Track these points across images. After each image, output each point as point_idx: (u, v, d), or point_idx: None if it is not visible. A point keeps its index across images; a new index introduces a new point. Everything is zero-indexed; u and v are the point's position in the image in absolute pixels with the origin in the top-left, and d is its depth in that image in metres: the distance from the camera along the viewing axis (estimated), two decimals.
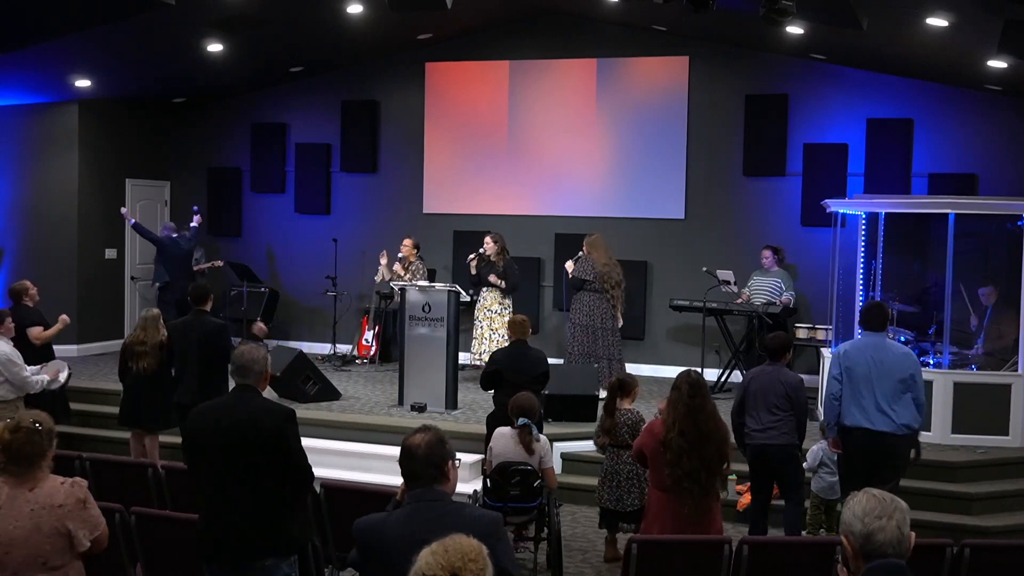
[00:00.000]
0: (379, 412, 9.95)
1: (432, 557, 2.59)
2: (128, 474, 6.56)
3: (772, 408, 6.91)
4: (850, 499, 2.90)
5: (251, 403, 4.62)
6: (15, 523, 3.99)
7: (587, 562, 7.32)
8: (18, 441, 4.08)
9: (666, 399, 5.98)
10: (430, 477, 3.43)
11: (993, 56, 8.93)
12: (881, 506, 2.81)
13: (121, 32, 9.87)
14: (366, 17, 10.44)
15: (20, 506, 4.02)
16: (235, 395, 4.69)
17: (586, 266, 10.60)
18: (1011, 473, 8.57)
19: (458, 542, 2.64)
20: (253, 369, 4.65)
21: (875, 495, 2.85)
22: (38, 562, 4.02)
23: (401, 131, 13.41)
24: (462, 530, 3.13)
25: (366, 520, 3.46)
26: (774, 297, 11.08)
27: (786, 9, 7.12)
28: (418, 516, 3.33)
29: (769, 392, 6.93)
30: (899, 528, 2.79)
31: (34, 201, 12.86)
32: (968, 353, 9.60)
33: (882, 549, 2.78)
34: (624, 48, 12.46)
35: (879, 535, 2.77)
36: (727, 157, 12.21)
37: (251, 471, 4.48)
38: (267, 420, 4.54)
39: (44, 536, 4.03)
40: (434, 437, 3.48)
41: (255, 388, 4.68)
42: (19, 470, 4.08)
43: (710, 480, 5.73)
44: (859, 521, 2.80)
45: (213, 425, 4.57)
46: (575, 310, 10.58)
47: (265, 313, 13.13)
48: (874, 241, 10.05)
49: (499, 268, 11.01)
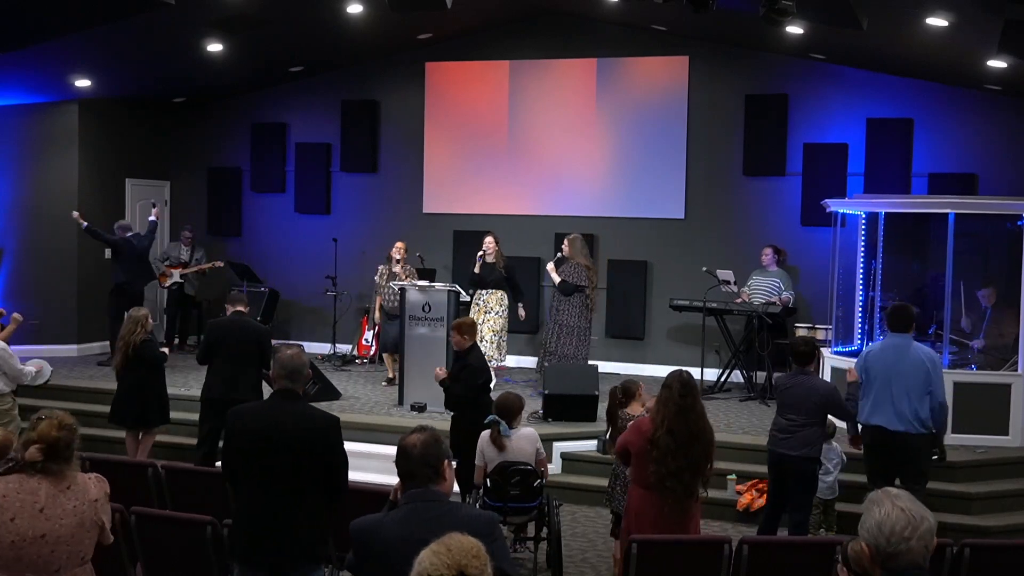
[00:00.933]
0: (379, 412, 9.95)
1: (436, 557, 2.58)
2: (128, 474, 6.55)
3: (800, 416, 6.90)
4: (876, 504, 2.77)
5: (297, 409, 4.56)
6: (60, 521, 4.00)
7: (587, 562, 7.32)
8: (65, 439, 4.10)
9: (654, 397, 5.96)
10: (426, 477, 3.42)
11: (993, 56, 8.93)
12: (910, 525, 2.69)
13: (121, 32, 9.87)
14: (366, 17, 10.44)
15: (63, 503, 4.03)
16: (279, 400, 4.61)
17: (577, 271, 10.62)
18: (1011, 473, 8.58)
19: (459, 540, 2.64)
20: (302, 374, 4.62)
21: (904, 508, 2.72)
22: (79, 557, 4.05)
23: (401, 131, 13.41)
24: (459, 530, 3.13)
25: (363, 521, 3.45)
26: (773, 297, 11.07)
27: (786, 9, 7.12)
28: (415, 516, 3.32)
29: (804, 401, 6.91)
30: (925, 547, 2.70)
31: (34, 201, 12.86)
32: (969, 349, 9.61)
33: (905, 568, 2.69)
34: (624, 48, 12.46)
35: (905, 556, 2.68)
36: (727, 157, 12.21)
37: (295, 478, 4.44)
38: (315, 428, 4.50)
39: (85, 531, 4.05)
40: (430, 437, 3.48)
41: (299, 393, 4.63)
42: (57, 467, 4.08)
43: (694, 480, 5.68)
44: (884, 539, 2.69)
45: (256, 428, 4.52)
46: (564, 312, 10.60)
47: (265, 313, 13.13)
48: (874, 241, 10.05)
49: (500, 270, 10.97)
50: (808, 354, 7.08)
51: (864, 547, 2.75)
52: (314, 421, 4.54)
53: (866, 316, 9.99)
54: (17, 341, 8.95)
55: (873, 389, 7.00)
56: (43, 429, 4.11)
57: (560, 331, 10.60)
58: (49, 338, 12.55)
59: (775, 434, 7.04)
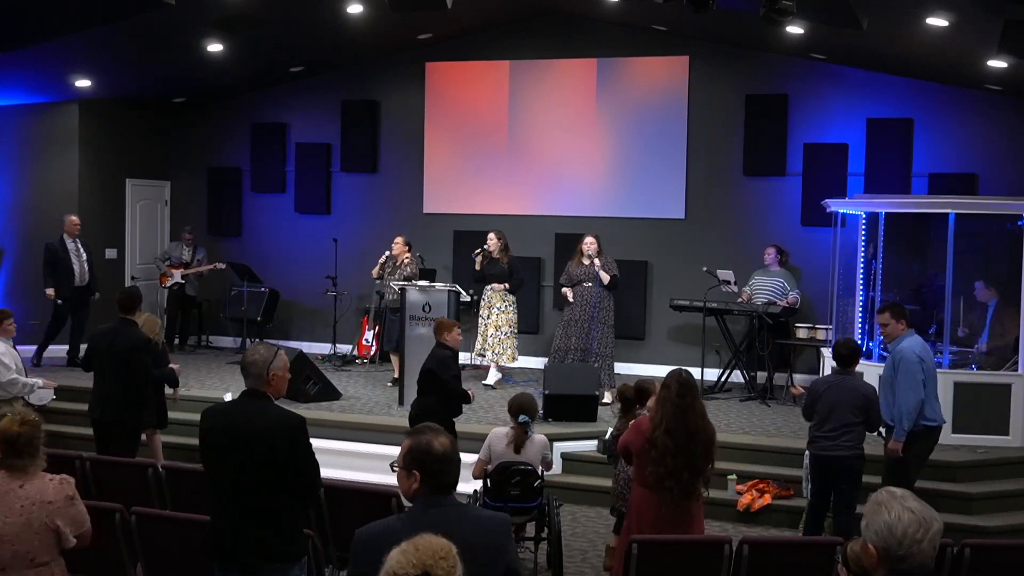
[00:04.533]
0: (379, 412, 9.95)
1: (403, 556, 2.56)
2: (128, 474, 6.56)
3: (846, 418, 6.90)
4: (883, 505, 2.74)
5: (258, 410, 4.51)
6: (5, 519, 3.98)
7: (587, 562, 7.32)
8: (26, 434, 4.09)
9: (654, 397, 5.96)
10: (453, 475, 3.38)
11: (993, 56, 8.93)
12: (922, 527, 2.68)
13: (121, 32, 9.87)
14: (366, 17, 10.44)
15: (11, 502, 4.01)
16: (243, 400, 4.59)
17: (612, 266, 10.57)
18: (1011, 473, 8.58)
19: (428, 540, 2.61)
20: (250, 370, 4.52)
21: (913, 510, 2.71)
22: (27, 558, 4.02)
23: (401, 131, 13.41)
24: (474, 531, 3.11)
25: (370, 529, 3.33)
26: (777, 297, 11.07)
27: (786, 9, 7.12)
28: (426, 519, 3.22)
29: (845, 402, 6.92)
30: (934, 548, 2.71)
31: (34, 201, 12.86)
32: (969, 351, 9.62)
33: (912, 569, 2.69)
34: (624, 48, 12.46)
35: (915, 558, 2.68)
36: (727, 157, 12.21)
37: (261, 478, 4.43)
38: (276, 430, 4.45)
39: (33, 532, 4.02)
40: (449, 440, 3.45)
41: (262, 392, 4.54)
42: (19, 463, 4.07)
43: (692, 480, 5.66)
44: (896, 541, 2.67)
45: (224, 429, 4.52)
46: (608, 310, 10.54)
47: (265, 313, 13.14)
48: (874, 241, 10.05)
49: (503, 265, 10.99)
50: (849, 356, 7.09)
51: (871, 548, 2.72)
52: (278, 421, 4.49)
53: (866, 316, 9.99)
54: (17, 341, 8.93)
55: (930, 389, 7.18)
56: (4, 425, 4.10)
57: (609, 332, 10.52)
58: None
59: (819, 439, 7.00)
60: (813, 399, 7.09)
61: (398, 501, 5.76)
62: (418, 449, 3.35)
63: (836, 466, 6.95)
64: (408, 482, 3.36)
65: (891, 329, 7.25)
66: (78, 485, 4.41)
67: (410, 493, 3.37)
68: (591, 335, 10.43)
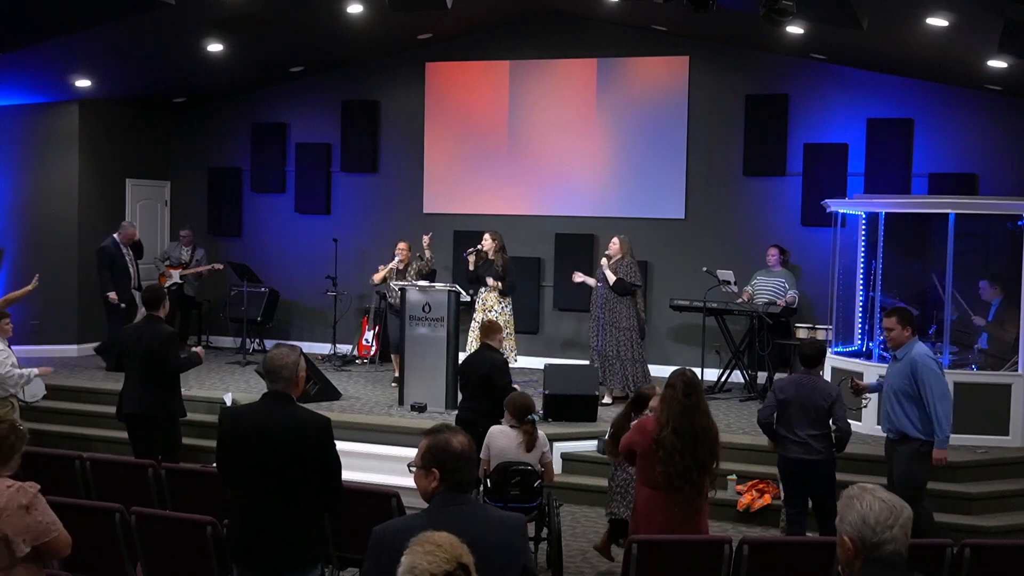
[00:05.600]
0: (379, 412, 9.96)
1: (432, 555, 2.56)
2: (128, 474, 6.55)
3: (812, 422, 6.85)
4: (855, 499, 2.88)
5: (286, 412, 4.50)
6: None
7: (587, 562, 7.32)
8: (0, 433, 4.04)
9: (658, 397, 5.96)
10: (469, 474, 3.40)
11: (993, 56, 8.93)
12: (892, 513, 2.81)
13: (121, 32, 9.87)
14: (366, 17, 10.44)
15: None
16: (268, 402, 4.55)
17: (631, 270, 10.48)
18: (1011, 473, 8.57)
19: (443, 537, 2.62)
20: (281, 374, 4.51)
21: (883, 499, 2.85)
22: None
23: (401, 131, 13.41)
24: (493, 530, 3.12)
25: (389, 527, 3.32)
26: (779, 297, 11.07)
27: (786, 9, 7.12)
28: (446, 517, 3.20)
29: (809, 405, 6.86)
30: (906, 535, 2.82)
31: (34, 201, 12.86)
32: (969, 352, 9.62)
33: (888, 556, 2.81)
34: (624, 48, 12.46)
35: (889, 545, 2.80)
36: (727, 157, 12.20)
37: (288, 482, 4.42)
38: (305, 431, 4.45)
39: None
40: (467, 438, 3.45)
41: (288, 395, 4.54)
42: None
43: (702, 479, 5.69)
44: (870, 529, 2.80)
45: (248, 432, 4.49)
46: (618, 313, 10.44)
47: (265, 313, 13.13)
48: (874, 241, 10.04)
49: (497, 267, 10.98)
50: (815, 357, 7.06)
51: (847, 540, 2.84)
52: (304, 423, 4.49)
53: (866, 316, 9.99)
54: (17, 341, 8.94)
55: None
56: None
57: (619, 335, 10.44)
58: (49, 338, 12.57)
59: (789, 443, 6.91)
60: (780, 402, 6.98)
61: (398, 501, 5.77)
62: (437, 448, 3.37)
63: (810, 470, 6.88)
64: (427, 481, 3.37)
65: (896, 335, 7.06)
66: (78, 485, 4.37)
67: (428, 492, 3.38)
68: (599, 336, 10.45)
